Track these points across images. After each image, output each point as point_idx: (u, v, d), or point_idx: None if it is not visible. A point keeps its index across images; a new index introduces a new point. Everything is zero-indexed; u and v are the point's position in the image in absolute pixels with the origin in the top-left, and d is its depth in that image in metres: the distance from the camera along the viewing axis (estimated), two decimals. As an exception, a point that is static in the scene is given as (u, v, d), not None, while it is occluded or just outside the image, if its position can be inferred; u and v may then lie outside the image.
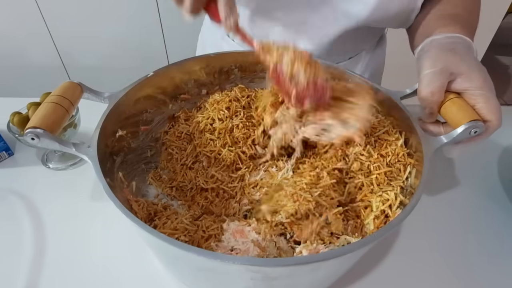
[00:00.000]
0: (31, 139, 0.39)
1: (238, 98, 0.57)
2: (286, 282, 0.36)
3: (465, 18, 0.53)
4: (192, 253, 0.30)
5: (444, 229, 0.55)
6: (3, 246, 0.51)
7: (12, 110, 0.61)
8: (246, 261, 0.30)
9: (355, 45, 0.70)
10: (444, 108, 0.44)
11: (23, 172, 0.63)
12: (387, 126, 0.51)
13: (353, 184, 0.47)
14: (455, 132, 0.42)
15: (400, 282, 0.48)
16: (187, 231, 0.41)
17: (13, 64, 1.61)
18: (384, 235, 0.34)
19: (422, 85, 0.45)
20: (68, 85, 0.46)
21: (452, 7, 0.55)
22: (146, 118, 0.55)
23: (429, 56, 0.46)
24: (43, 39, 1.54)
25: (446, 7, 0.55)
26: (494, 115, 0.41)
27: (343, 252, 0.32)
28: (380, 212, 0.43)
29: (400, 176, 0.46)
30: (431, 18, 0.55)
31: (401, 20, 0.61)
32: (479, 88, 0.42)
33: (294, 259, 0.32)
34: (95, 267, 0.49)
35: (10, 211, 0.56)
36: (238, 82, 0.62)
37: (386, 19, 0.60)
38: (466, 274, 0.50)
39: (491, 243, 0.53)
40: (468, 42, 0.47)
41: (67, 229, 0.53)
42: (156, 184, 0.53)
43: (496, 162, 0.66)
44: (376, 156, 0.47)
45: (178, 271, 0.44)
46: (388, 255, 0.51)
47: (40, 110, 0.41)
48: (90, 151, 0.41)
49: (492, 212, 0.58)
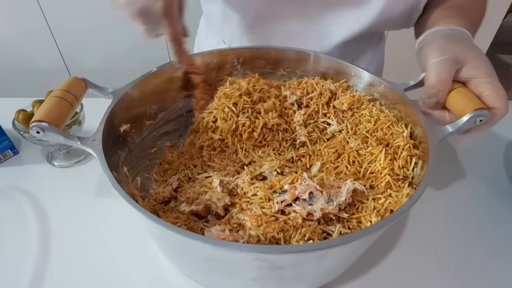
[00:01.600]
0: (37, 132, 0.39)
1: (250, 92, 0.55)
2: (294, 271, 0.35)
3: (471, 10, 0.53)
4: (199, 241, 0.30)
5: (450, 222, 0.55)
6: (9, 243, 0.51)
7: (17, 110, 0.61)
8: (253, 248, 0.30)
9: (358, 48, 0.70)
10: (449, 98, 0.44)
11: (28, 170, 0.63)
12: (392, 119, 0.51)
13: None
14: (460, 121, 0.42)
15: (407, 274, 0.48)
16: (188, 220, 0.41)
17: (17, 66, 1.63)
18: (391, 222, 0.34)
19: (431, 72, 0.44)
20: (73, 80, 0.47)
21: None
22: (150, 114, 0.56)
23: (436, 45, 0.46)
24: (46, 42, 1.55)
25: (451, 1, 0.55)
26: (502, 102, 0.41)
27: (350, 240, 0.32)
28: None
29: (407, 168, 0.46)
30: (435, 9, 0.55)
31: (403, 21, 0.61)
32: (486, 75, 0.42)
33: (301, 246, 0.32)
34: (100, 263, 0.49)
35: (16, 209, 0.56)
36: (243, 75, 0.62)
37: (390, 22, 0.60)
38: (473, 266, 0.49)
39: (498, 235, 0.53)
40: (469, 36, 0.47)
41: (72, 226, 0.53)
42: (159, 180, 0.53)
43: (502, 154, 0.66)
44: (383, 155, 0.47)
45: (183, 264, 0.44)
46: (395, 247, 0.51)
47: (45, 104, 0.42)
48: (95, 144, 0.41)
49: (498, 204, 0.57)
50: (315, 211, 0.39)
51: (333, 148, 0.51)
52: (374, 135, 0.51)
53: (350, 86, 0.59)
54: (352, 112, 0.56)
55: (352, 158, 0.49)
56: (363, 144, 0.50)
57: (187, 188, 0.47)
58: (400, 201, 0.42)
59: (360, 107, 0.56)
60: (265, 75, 0.63)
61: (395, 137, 0.48)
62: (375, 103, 0.55)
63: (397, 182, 0.45)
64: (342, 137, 0.53)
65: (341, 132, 0.55)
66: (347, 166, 0.49)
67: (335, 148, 0.51)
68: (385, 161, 0.46)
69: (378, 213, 0.42)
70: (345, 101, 0.56)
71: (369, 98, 0.56)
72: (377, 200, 0.43)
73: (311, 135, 0.56)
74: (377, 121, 0.52)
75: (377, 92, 0.55)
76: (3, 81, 1.67)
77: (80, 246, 0.51)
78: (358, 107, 0.56)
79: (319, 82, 0.59)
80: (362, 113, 0.55)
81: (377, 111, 0.54)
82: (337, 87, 0.58)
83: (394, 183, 0.45)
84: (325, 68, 0.60)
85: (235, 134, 0.53)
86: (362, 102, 0.56)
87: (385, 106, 0.54)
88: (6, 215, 0.55)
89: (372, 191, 0.45)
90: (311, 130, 0.56)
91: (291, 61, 0.62)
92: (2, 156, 0.64)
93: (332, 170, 0.49)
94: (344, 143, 0.52)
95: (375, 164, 0.47)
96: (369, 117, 0.53)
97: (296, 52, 0.61)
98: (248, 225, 0.38)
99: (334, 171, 0.49)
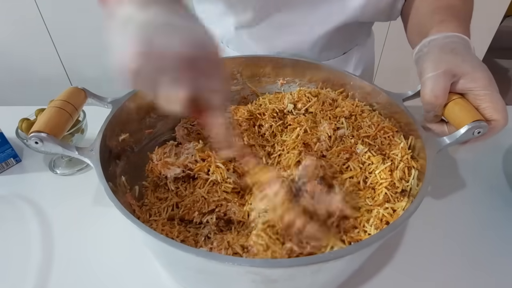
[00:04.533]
0: (35, 142, 0.40)
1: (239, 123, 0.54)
2: (288, 285, 0.35)
3: (460, 7, 0.52)
4: (191, 254, 0.30)
5: (452, 230, 0.54)
6: (12, 250, 0.52)
7: (20, 118, 0.62)
8: (245, 262, 0.30)
9: (348, 40, 0.70)
10: (447, 109, 0.44)
11: (31, 178, 0.64)
12: (390, 129, 0.51)
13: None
14: (458, 133, 0.41)
15: (407, 284, 0.48)
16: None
17: (19, 76, 1.65)
18: (387, 236, 0.33)
19: (425, 89, 0.44)
20: (72, 90, 0.47)
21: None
22: (149, 123, 0.56)
23: (430, 58, 0.45)
24: (48, 51, 1.58)
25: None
26: (501, 114, 0.41)
27: (343, 254, 0.31)
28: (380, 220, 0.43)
29: (406, 180, 0.46)
30: (425, 14, 0.54)
31: (387, 12, 0.61)
32: (484, 87, 0.42)
33: (294, 261, 0.32)
34: (102, 271, 0.49)
35: (19, 216, 0.56)
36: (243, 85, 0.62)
37: (375, 12, 0.61)
38: (474, 272, 0.49)
39: (500, 242, 0.53)
40: (466, 40, 0.46)
41: (74, 233, 0.54)
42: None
43: (501, 161, 0.66)
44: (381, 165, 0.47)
45: (179, 275, 0.44)
46: (395, 257, 0.50)
47: (44, 115, 0.42)
48: (92, 154, 0.41)
49: (499, 211, 0.57)
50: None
51: (343, 151, 0.50)
52: (374, 143, 0.51)
53: (349, 95, 0.59)
54: (355, 118, 0.56)
55: (359, 165, 0.48)
56: (368, 152, 0.50)
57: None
58: (397, 214, 0.41)
59: (362, 114, 0.56)
60: (266, 84, 0.63)
61: (392, 148, 0.48)
62: (375, 113, 0.55)
63: (394, 194, 0.44)
64: (351, 142, 0.52)
65: (350, 137, 0.53)
66: (352, 177, 0.48)
67: (345, 151, 0.50)
68: (384, 172, 0.46)
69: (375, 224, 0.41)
70: (346, 108, 0.56)
71: (368, 108, 0.56)
72: (372, 212, 0.43)
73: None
74: (378, 128, 0.52)
75: (376, 102, 0.55)
76: (7, 90, 1.69)
77: (82, 253, 0.51)
78: (360, 114, 0.56)
79: (320, 92, 0.59)
80: (363, 120, 0.54)
81: (378, 119, 0.53)
82: (337, 94, 0.59)
83: (392, 195, 0.44)
84: (324, 77, 0.60)
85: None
86: (363, 110, 0.56)
87: (383, 116, 0.54)
88: (9, 222, 0.55)
89: (371, 201, 0.45)
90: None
91: (290, 70, 0.62)
92: (5, 164, 0.64)
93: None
94: (353, 148, 0.51)
95: (375, 175, 0.47)
96: (370, 123, 0.53)
97: (294, 61, 0.61)
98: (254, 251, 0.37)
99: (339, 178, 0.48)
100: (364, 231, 0.41)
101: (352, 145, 0.51)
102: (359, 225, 0.42)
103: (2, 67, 1.62)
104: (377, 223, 0.41)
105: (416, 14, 0.56)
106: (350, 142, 0.51)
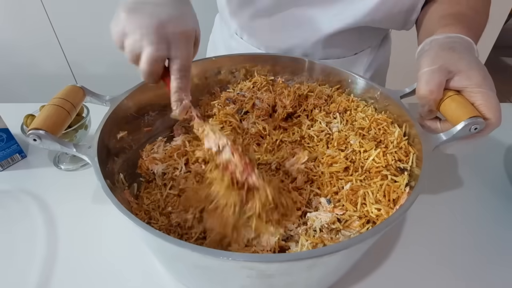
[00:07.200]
0: (34, 140, 0.40)
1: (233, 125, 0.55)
2: (284, 280, 0.35)
3: (470, 16, 0.52)
4: (187, 249, 0.31)
5: (453, 226, 0.54)
6: (17, 245, 0.52)
7: (25, 114, 0.62)
8: (239, 257, 0.30)
9: (360, 41, 0.70)
10: (444, 105, 0.44)
11: (35, 174, 0.64)
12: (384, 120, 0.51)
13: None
14: (454, 129, 0.41)
15: (407, 280, 0.48)
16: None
17: (25, 73, 1.66)
18: (382, 231, 0.33)
19: (420, 83, 0.44)
20: (71, 88, 0.48)
21: (453, 5, 0.54)
22: (148, 121, 0.56)
23: (427, 54, 0.45)
24: (53, 49, 1.58)
25: (447, 6, 0.55)
26: (493, 113, 0.40)
27: (338, 248, 0.31)
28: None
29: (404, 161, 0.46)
30: (433, 19, 0.54)
31: (399, 21, 0.61)
32: (478, 85, 0.41)
33: (289, 255, 0.32)
34: (105, 266, 0.49)
35: (24, 211, 0.57)
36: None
37: (387, 19, 0.60)
38: (477, 270, 0.49)
39: (502, 238, 0.53)
40: (469, 41, 0.46)
41: (78, 228, 0.54)
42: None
43: (502, 158, 0.66)
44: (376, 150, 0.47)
45: (176, 271, 0.44)
46: (394, 252, 0.51)
47: (43, 112, 0.42)
48: (90, 151, 0.41)
49: (501, 207, 0.57)
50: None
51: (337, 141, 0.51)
52: (369, 133, 0.51)
53: (345, 91, 0.59)
54: (349, 112, 0.56)
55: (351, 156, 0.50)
56: (361, 142, 0.50)
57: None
58: (397, 186, 0.43)
59: (356, 109, 0.56)
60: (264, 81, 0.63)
61: (388, 137, 0.49)
62: (370, 107, 0.55)
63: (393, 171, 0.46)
64: (343, 134, 0.53)
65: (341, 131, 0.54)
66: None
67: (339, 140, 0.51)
68: (377, 156, 0.47)
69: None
70: (342, 105, 0.56)
71: (363, 103, 0.56)
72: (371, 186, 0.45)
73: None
74: (372, 120, 0.52)
75: (373, 99, 0.55)
76: (12, 87, 1.70)
77: (86, 248, 0.52)
78: (354, 108, 0.56)
79: (316, 87, 0.60)
80: (358, 114, 0.55)
81: (373, 112, 0.54)
82: (332, 91, 0.59)
83: (389, 174, 0.45)
84: (322, 75, 0.60)
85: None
86: (358, 105, 0.56)
87: (379, 111, 0.54)
88: (14, 217, 0.56)
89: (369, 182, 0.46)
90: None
91: (287, 68, 0.62)
92: (10, 160, 0.65)
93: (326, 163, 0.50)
94: (344, 140, 0.52)
95: (369, 161, 0.47)
96: (364, 116, 0.53)
97: (292, 58, 0.61)
98: None
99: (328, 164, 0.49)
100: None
101: (347, 136, 0.51)
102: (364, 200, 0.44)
103: (7, 64, 1.63)
104: (380, 198, 0.43)
105: (428, 21, 0.56)
106: (344, 135, 0.52)
